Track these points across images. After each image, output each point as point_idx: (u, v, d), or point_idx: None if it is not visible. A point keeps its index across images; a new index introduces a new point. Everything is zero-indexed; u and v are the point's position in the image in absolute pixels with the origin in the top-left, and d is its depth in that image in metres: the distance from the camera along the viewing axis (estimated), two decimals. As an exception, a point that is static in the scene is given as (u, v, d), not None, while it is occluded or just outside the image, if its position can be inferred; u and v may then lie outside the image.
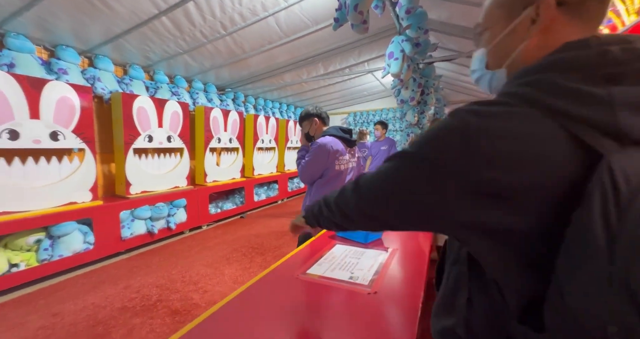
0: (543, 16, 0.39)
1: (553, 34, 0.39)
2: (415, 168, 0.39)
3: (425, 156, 0.38)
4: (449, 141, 0.36)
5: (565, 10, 0.38)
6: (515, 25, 0.41)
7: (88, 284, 2.17)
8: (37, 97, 2.06)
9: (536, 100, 0.33)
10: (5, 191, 1.96)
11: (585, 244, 0.29)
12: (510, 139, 0.32)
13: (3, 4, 1.90)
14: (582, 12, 0.38)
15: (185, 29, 2.55)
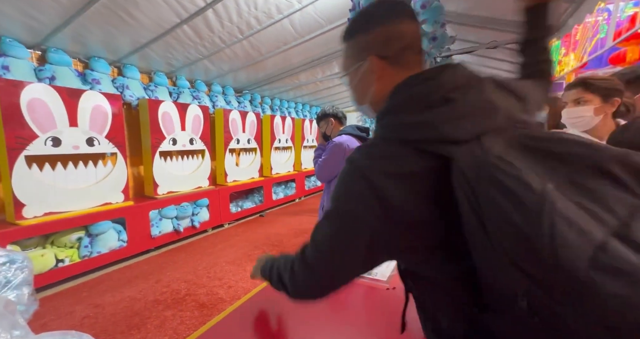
0: (373, 68, 0.51)
1: (387, 80, 0.50)
2: (341, 224, 0.46)
3: (344, 209, 0.46)
4: (356, 186, 0.44)
5: (389, 62, 0.50)
6: (360, 75, 0.54)
7: (123, 278, 2.34)
8: (75, 106, 2.24)
9: (393, 137, 0.45)
10: (50, 193, 2.15)
11: (470, 229, 0.36)
12: (394, 168, 0.42)
13: (46, 23, 2.07)
14: (402, 62, 0.50)
15: (205, 35, 2.65)
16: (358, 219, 0.43)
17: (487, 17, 2.65)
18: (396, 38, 0.50)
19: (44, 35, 2.20)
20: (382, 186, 0.41)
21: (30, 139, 2.03)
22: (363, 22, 0.53)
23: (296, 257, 0.54)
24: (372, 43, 0.51)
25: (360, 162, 0.44)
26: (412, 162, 0.41)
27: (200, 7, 2.24)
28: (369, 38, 0.52)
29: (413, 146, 0.42)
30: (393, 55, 0.50)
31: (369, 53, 0.51)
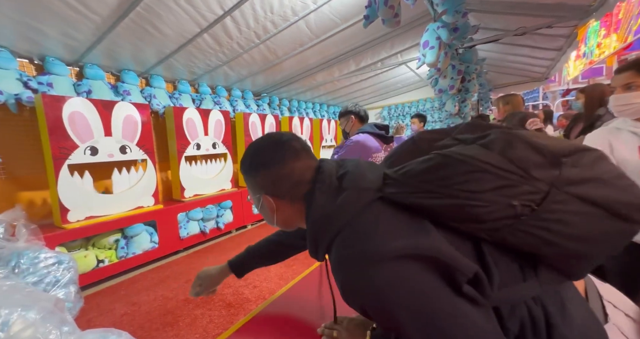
0: (269, 205, 0.62)
1: (287, 212, 0.62)
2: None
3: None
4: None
5: (282, 198, 0.61)
6: (261, 205, 0.64)
7: (156, 278, 2.47)
8: (109, 117, 2.40)
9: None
10: (91, 198, 2.32)
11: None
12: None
13: (82, 41, 2.24)
14: (294, 197, 0.60)
15: (224, 42, 2.73)
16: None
17: (514, 1, 2.48)
18: (283, 180, 0.59)
19: (81, 52, 2.38)
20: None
21: (72, 149, 2.20)
22: (251, 165, 0.62)
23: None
24: (262, 185, 0.61)
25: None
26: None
27: (219, 15, 2.31)
28: (258, 180, 0.61)
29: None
30: (284, 193, 0.59)
31: (261, 192, 0.61)
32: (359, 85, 4.99)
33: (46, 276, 1.77)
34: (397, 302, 0.45)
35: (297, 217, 0.61)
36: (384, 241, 0.47)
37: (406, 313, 0.45)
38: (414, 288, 0.45)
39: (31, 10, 1.84)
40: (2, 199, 2.17)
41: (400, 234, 0.48)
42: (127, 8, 1.99)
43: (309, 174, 0.60)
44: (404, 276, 0.45)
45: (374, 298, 0.46)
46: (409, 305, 0.45)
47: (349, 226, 0.51)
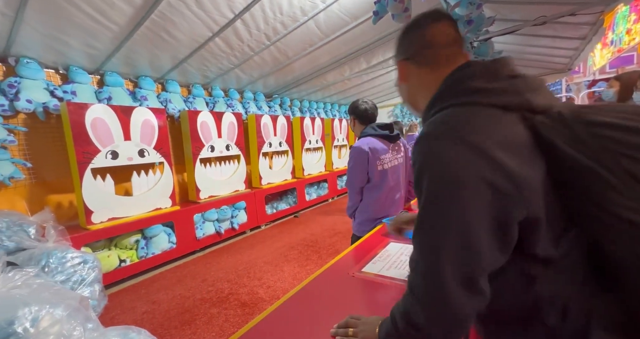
0: (401, 72, 0.63)
1: (413, 80, 0.62)
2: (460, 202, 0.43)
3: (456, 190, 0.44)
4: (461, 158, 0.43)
5: (411, 62, 0.60)
6: (397, 78, 0.65)
7: (174, 277, 2.54)
8: (128, 122, 2.49)
9: (471, 101, 0.48)
10: (112, 201, 2.42)
11: (588, 183, 0.43)
12: (496, 133, 0.44)
13: (102, 50, 2.35)
14: (423, 61, 0.58)
15: (235, 45, 2.77)
16: (478, 193, 0.42)
17: (532, -10, 2.36)
18: (416, 41, 0.59)
19: (101, 61, 2.49)
20: (496, 155, 0.42)
21: (94, 153, 2.30)
22: (400, 37, 0.64)
23: (415, 280, 0.47)
24: (401, 50, 0.62)
25: (457, 132, 0.44)
26: (509, 126, 0.44)
27: (230, 18, 2.34)
28: (400, 47, 0.63)
29: (501, 109, 0.45)
30: (413, 56, 0.59)
31: (398, 59, 0.63)
32: (371, 83, 4.93)
33: (73, 275, 1.86)
34: (435, 183, 0.44)
35: (426, 89, 0.57)
36: (483, 137, 0.43)
37: (425, 208, 0.45)
38: (455, 191, 0.42)
39: (57, 23, 1.94)
40: (33, 202, 2.30)
41: (510, 150, 0.42)
42: (143, 16, 2.06)
43: (458, 52, 0.57)
44: (459, 172, 0.42)
45: (427, 163, 0.45)
46: (439, 196, 0.43)
47: (473, 108, 0.46)
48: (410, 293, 0.48)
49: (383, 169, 1.50)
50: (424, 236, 0.46)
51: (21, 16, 1.79)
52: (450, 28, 0.57)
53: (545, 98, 0.47)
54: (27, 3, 1.70)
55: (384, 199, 1.52)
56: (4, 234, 1.88)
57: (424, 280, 0.45)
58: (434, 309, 0.44)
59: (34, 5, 1.74)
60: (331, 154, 5.15)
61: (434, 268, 0.43)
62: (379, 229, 1.40)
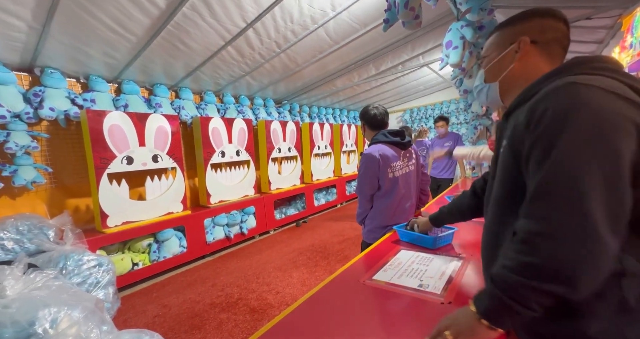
0: (522, 49, 0.61)
1: (528, 62, 0.62)
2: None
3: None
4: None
5: (537, 47, 0.61)
6: (504, 54, 0.64)
7: (185, 281, 2.58)
8: (143, 128, 2.57)
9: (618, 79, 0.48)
10: (126, 205, 2.49)
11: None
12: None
13: (120, 60, 2.44)
14: (548, 51, 0.61)
15: (246, 53, 2.83)
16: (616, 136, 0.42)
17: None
18: (551, 30, 0.60)
19: (119, 70, 2.59)
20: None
21: (111, 159, 2.38)
22: (525, 14, 0.63)
23: (553, 219, 0.43)
24: (529, 28, 0.61)
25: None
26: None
27: (242, 27, 2.40)
28: (528, 25, 0.61)
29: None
30: (543, 42, 0.60)
31: (523, 35, 0.61)
32: (380, 89, 4.93)
33: (88, 277, 1.91)
34: (586, 125, 0.43)
35: (532, 72, 0.60)
36: (627, 91, 0.45)
37: (568, 148, 0.43)
38: (602, 133, 0.42)
39: (79, 35, 2.04)
40: (53, 206, 2.39)
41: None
42: (160, 27, 2.14)
43: (565, 44, 0.61)
44: (607, 118, 0.43)
45: (574, 107, 0.44)
46: (581, 142, 0.43)
47: (611, 79, 0.47)
48: (538, 238, 0.44)
49: (394, 177, 1.49)
50: (565, 177, 0.43)
51: (47, 29, 1.89)
52: (569, 33, 0.62)
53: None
54: (54, 17, 1.80)
55: (394, 207, 1.51)
56: (25, 236, 1.96)
57: (569, 217, 0.42)
58: (583, 247, 0.41)
59: (59, 19, 1.83)
60: (340, 159, 5.15)
61: (583, 202, 0.41)
62: (389, 236, 1.39)
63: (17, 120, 2.11)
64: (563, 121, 0.44)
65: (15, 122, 2.09)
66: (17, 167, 2.10)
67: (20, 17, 1.76)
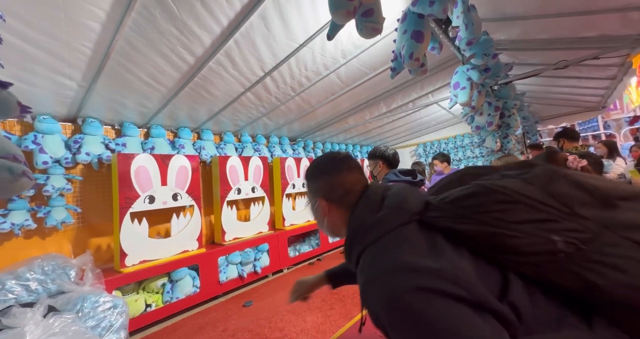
0: (322, 207, 0.72)
1: (335, 216, 0.71)
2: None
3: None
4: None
5: (334, 204, 0.70)
6: (315, 208, 0.75)
7: (196, 325, 2.49)
8: (166, 169, 2.73)
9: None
10: (146, 244, 2.54)
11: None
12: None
13: (151, 108, 2.70)
14: (344, 204, 0.69)
15: (264, 97, 3.05)
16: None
17: (550, 38, 2.43)
18: (337, 186, 0.70)
19: (149, 117, 2.85)
20: (426, 266, 0.48)
21: (135, 198, 2.50)
22: (313, 173, 0.75)
23: None
24: (320, 190, 0.72)
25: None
26: (415, 237, 0.55)
27: (260, 76, 2.62)
28: (318, 186, 0.73)
29: (399, 226, 0.57)
30: (336, 199, 0.70)
31: (318, 196, 0.72)
32: (391, 125, 5.05)
33: (102, 321, 1.90)
34: (403, 321, 0.45)
35: (342, 223, 0.68)
36: (410, 258, 0.48)
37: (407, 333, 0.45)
38: (424, 313, 0.44)
39: (118, 89, 2.30)
40: (77, 245, 2.49)
41: (426, 255, 0.49)
42: (188, 79, 2.39)
43: (359, 188, 0.70)
44: (419, 302, 0.44)
45: (386, 305, 0.47)
46: (412, 329, 0.45)
47: (383, 239, 0.55)
48: None
49: None
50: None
51: (93, 86, 2.16)
52: (354, 172, 0.72)
53: (416, 200, 0.59)
54: (100, 77, 2.06)
55: None
56: (49, 277, 2.02)
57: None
58: None
59: (103, 78, 2.10)
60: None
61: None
62: None
63: (57, 165, 2.32)
64: (387, 322, 0.48)
65: (54, 167, 2.29)
66: (50, 209, 2.25)
67: (72, 78, 2.03)
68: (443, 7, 1.39)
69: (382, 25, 1.33)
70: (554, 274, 0.47)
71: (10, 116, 0.76)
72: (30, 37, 1.61)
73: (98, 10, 1.57)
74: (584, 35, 2.24)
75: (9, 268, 1.97)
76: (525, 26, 2.34)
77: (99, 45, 1.79)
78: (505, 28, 2.42)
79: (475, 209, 0.52)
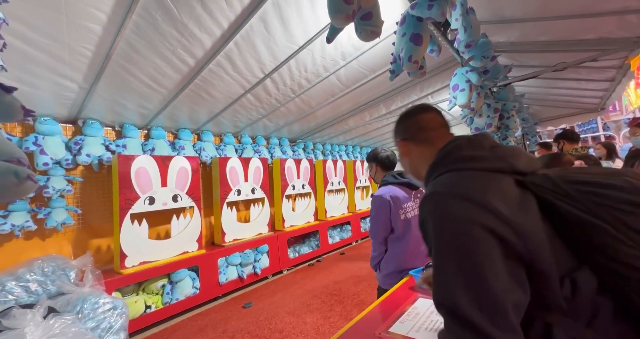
0: (400, 149, 0.78)
1: (412, 155, 0.75)
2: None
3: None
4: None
5: (410, 141, 0.75)
6: (398, 154, 0.80)
7: (195, 326, 2.49)
8: (166, 170, 2.74)
9: (469, 167, 0.56)
10: (146, 245, 2.55)
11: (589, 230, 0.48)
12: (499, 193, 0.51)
13: (151, 109, 2.71)
14: (420, 139, 0.73)
15: (264, 99, 3.06)
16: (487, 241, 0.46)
17: (548, 41, 2.44)
18: (411, 125, 0.75)
19: (149, 118, 2.86)
20: (496, 207, 0.47)
21: (135, 199, 2.51)
22: (397, 123, 0.81)
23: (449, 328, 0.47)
24: (398, 132, 0.78)
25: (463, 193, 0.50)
26: (503, 185, 0.52)
27: (260, 78, 2.64)
28: (398, 130, 0.79)
29: (491, 172, 0.54)
30: (411, 136, 0.74)
31: (397, 139, 0.78)
32: (391, 126, 4.93)
33: (102, 322, 1.90)
34: (444, 241, 0.48)
35: (424, 161, 0.68)
36: (490, 199, 0.48)
37: (438, 257, 0.49)
38: (464, 246, 0.46)
39: (119, 91, 2.31)
40: (77, 246, 2.49)
41: (507, 203, 0.48)
42: (188, 81, 2.40)
43: (445, 131, 0.73)
44: (468, 231, 0.46)
45: (435, 218, 0.50)
46: (451, 245, 0.48)
47: (472, 172, 0.54)
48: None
49: (406, 219, 1.47)
50: (442, 285, 0.47)
51: (94, 88, 2.17)
52: (437, 116, 0.75)
53: (527, 163, 0.56)
54: (101, 78, 2.07)
55: (410, 251, 1.46)
56: (49, 278, 2.03)
57: (455, 324, 0.45)
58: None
59: (104, 79, 2.11)
60: (354, 195, 5.12)
61: (462, 313, 0.44)
62: (405, 281, 1.33)
63: (57, 166, 2.33)
64: (430, 233, 0.51)
65: (55, 168, 2.30)
66: (51, 210, 2.26)
67: (73, 79, 2.05)
68: (441, 10, 1.40)
69: (380, 29, 1.34)
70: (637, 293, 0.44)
71: (14, 120, 0.77)
72: (31, 40, 1.62)
73: (99, 13, 1.58)
74: (583, 38, 2.25)
75: (9, 269, 1.98)
76: (524, 28, 2.35)
77: (99, 48, 1.81)
78: (504, 30, 2.44)
79: (596, 199, 0.48)
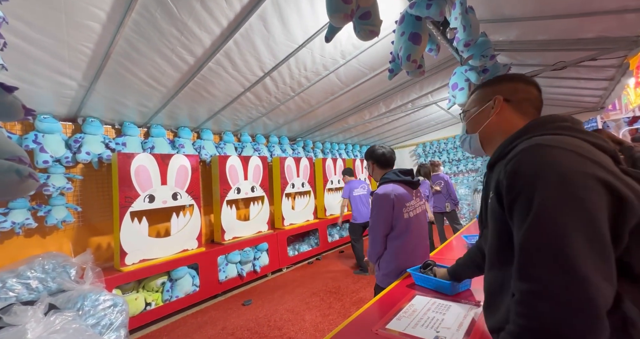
0: (497, 105, 0.70)
1: (502, 117, 0.70)
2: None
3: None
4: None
5: (510, 105, 0.69)
6: (482, 109, 0.73)
7: (195, 324, 2.51)
8: (166, 168, 2.75)
9: (580, 136, 0.54)
10: (146, 243, 2.56)
11: None
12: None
13: (151, 108, 2.71)
14: (520, 108, 0.68)
15: (263, 97, 3.06)
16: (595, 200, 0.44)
17: (548, 40, 2.44)
18: (521, 91, 0.69)
19: (149, 116, 2.86)
20: (608, 166, 0.47)
21: (134, 197, 2.52)
22: (499, 78, 0.74)
23: (549, 286, 0.44)
24: (503, 89, 0.71)
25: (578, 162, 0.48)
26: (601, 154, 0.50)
27: (260, 76, 2.63)
28: (502, 86, 0.71)
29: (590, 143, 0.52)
30: (515, 101, 0.69)
31: (498, 95, 0.70)
32: (391, 125, 5.06)
33: (102, 319, 1.92)
34: (555, 186, 0.45)
35: (503, 130, 0.67)
36: (590, 152, 0.48)
37: (544, 201, 0.45)
38: (574, 193, 0.44)
39: (118, 89, 2.32)
40: (77, 244, 2.51)
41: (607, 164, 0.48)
42: (188, 79, 2.40)
43: (539, 105, 0.69)
44: (588, 187, 0.45)
45: (541, 169, 0.47)
46: (553, 200, 0.45)
47: (575, 139, 0.52)
48: (537, 309, 0.44)
49: (409, 217, 1.47)
50: (549, 240, 0.45)
51: (94, 86, 2.17)
52: (540, 96, 0.71)
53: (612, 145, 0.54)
54: (100, 77, 2.07)
55: (410, 249, 1.47)
56: (49, 275, 2.04)
57: (558, 277, 0.43)
58: (579, 308, 0.41)
59: (104, 78, 2.11)
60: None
61: (573, 265, 0.42)
62: (403, 279, 1.34)
63: (57, 164, 2.34)
64: (534, 180, 0.48)
65: (55, 166, 2.31)
66: (51, 208, 2.27)
67: (73, 77, 2.05)
68: (440, 9, 1.40)
69: (379, 28, 1.34)
70: None
71: (15, 119, 0.77)
72: (31, 38, 1.62)
73: (98, 11, 1.58)
74: (582, 37, 2.25)
75: (10, 266, 1.99)
76: (523, 27, 2.35)
77: (99, 46, 1.81)
78: (503, 29, 2.43)
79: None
